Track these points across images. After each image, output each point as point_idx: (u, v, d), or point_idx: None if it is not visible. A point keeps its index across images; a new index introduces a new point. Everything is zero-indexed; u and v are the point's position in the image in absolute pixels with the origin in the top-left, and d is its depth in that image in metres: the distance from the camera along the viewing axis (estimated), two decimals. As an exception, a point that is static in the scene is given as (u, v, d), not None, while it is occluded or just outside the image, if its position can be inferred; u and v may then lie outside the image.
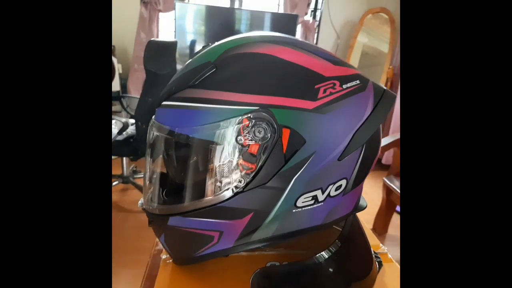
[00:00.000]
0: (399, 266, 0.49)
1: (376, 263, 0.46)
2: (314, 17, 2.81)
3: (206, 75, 0.34)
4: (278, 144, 0.32)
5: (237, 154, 0.33)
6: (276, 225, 0.35)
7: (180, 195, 0.36)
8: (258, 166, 0.33)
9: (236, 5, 2.65)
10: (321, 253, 0.39)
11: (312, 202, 0.35)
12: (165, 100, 0.37)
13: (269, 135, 0.32)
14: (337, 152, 0.34)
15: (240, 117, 0.32)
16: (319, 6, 2.78)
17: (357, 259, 0.44)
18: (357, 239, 0.45)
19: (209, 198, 0.34)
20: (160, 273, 0.44)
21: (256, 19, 2.43)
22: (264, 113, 0.32)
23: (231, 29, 2.37)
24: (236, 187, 0.34)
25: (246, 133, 0.32)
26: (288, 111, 0.32)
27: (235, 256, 0.47)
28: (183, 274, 0.43)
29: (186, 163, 0.35)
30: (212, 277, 0.43)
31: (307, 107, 0.33)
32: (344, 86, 0.34)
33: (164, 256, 0.47)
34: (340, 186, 0.36)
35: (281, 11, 2.72)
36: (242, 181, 0.33)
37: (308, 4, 2.67)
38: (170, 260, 0.45)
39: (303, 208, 0.35)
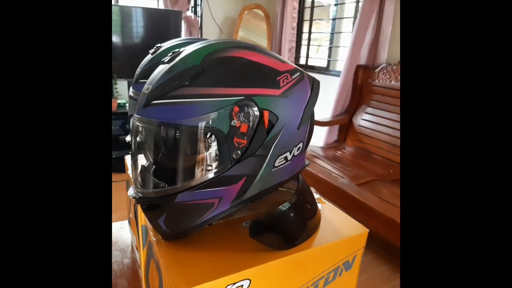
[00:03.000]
0: (331, 204, 0.68)
1: (318, 204, 0.64)
2: (195, 12, 2.90)
3: (197, 76, 0.43)
4: (261, 122, 0.44)
5: (231, 133, 0.43)
6: (260, 184, 0.48)
7: (187, 174, 0.44)
8: (248, 141, 0.44)
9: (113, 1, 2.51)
10: (283, 204, 0.53)
11: (284, 161, 0.49)
12: (156, 100, 0.44)
13: (253, 116, 0.44)
14: (296, 124, 0.48)
15: (232, 106, 0.43)
16: (198, 2, 2.88)
17: (308, 205, 0.60)
18: (306, 191, 0.61)
19: (214, 170, 0.44)
20: (160, 250, 0.50)
21: (138, 14, 2.36)
22: (248, 101, 0.44)
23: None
24: (234, 159, 0.44)
25: (238, 117, 0.43)
26: (264, 97, 0.45)
27: (215, 224, 0.57)
28: (180, 245, 0.51)
29: (191, 146, 0.44)
30: (205, 242, 0.52)
31: (276, 94, 0.46)
32: (293, 77, 0.49)
33: (154, 238, 0.54)
34: (299, 147, 0.50)
35: (161, 7, 2.71)
36: (239, 153, 0.44)
37: (189, 1, 2.74)
38: (159, 238, 0.52)
39: (278, 167, 0.48)
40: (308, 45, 2.72)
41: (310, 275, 0.56)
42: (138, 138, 0.49)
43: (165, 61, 0.47)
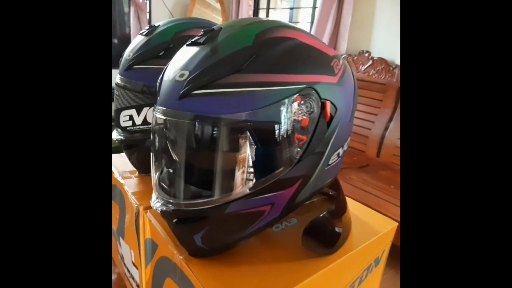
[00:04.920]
0: (349, 198, 0.65)
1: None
2: (143, -5, 2.66)
3: (250, 60, 0.35)
4: (322, 115, 0.38)
5: (293, 129, 0.37)
6: (312, 185, 0.42)
7: (244, 178, 0.36)
8: (309, 137, 0.38)
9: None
10: (328, 208, 0.48)
11: (336, 158, 0.43)
12: (199, 89, 0.35)
13: (316, 108, 0.38)
14: (349, 115, 0.43)
15: (294, 96, 0.36)
16: (146, -17, 2.65)
17: (341, 202, 0.56)
18: (340, 189, 0.56)
19: (272, 174, 0.37)
20: (194, 269, 0.42)
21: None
22: (310, 90, 0.37)
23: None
24: (294, 158, 0.38)
25: (300, 109, 0.37)
26: (325, 85, 0.39)
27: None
28: (211, 260, 0.44)
29: (244, 146, 0.36)
30: (237, 253, 0.45)
31: (333, 81, 0.40)
32: (340, 63, 0.43)
33: (181, 256, 0.45)
34: (348, 142, 0.45)
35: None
36: (299, 152, 0.38)
37: (136, -19, 2.50)
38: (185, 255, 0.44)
39: (331, 165, 0.43)
40: (266, 34, 2.68)
41: (348, 278, 0.52)
42: (169, 138, 0.39)
43: (200, 41, 0.38)
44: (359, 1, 2.04)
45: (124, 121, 0.60)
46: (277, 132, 0.36)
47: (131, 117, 0.60)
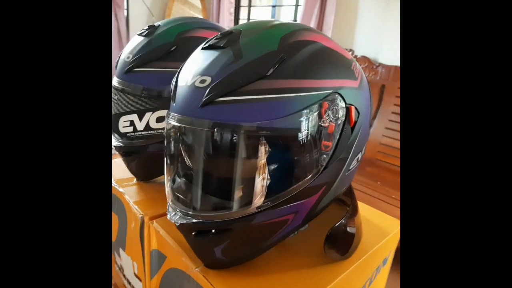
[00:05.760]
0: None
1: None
2: (120, -9, 2.57)
3: (277, 65, 0.34)
4: (347, 120, 0.38)
5: (320, 135, 0.36)
6: (333, 192, 0.41)
7: (270, 188, 0.35)
8: (335, 143, 0.37)
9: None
10: (346, 215, 0.47)
11: (356, 163, 0.43)
12: (224, 96, 0.33)
13: (341, 114, 0.37)
14: (368, 119, 0.43)
15: (321, 101, 0.35)
16: (123, -21, 2.56)
17: (354, 206, 0.55)
18: (353, 193, 0.56)
19: (299, 183, 0.36)
20: (215, 281, 0.41)
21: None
22: (336, 95, 0.36)
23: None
24: (321, 165, 0.37)
25: (326, 116, 0.36)
26: (349, 90, 0.38)
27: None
28: (229, 271, 0.42)
29: (276, 154, 0.34)
30: (255, 262, 0.44)
31: (355, 86, 0.39)
32: (357, 66, 0.43)
33: (197, 268, 0.43)
34: (365, 146, 0.45)
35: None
36: (326, 159, 0.37)
37: (113, -24, 2.41)
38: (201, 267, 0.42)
39: (350, 170, 0.42)
40: (248, 32, 2.66)
41: (363, 280, 0.52)
42: (189, 147, 0.37)
43: (220, 45, 0.36)
44: (341, 1, 2.07)
45: (124, 126, 0.57)
46: (305, 139, 0.35)
47: (132, 123, 0.56)
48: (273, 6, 2.46)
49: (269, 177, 0.34)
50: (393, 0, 1.90)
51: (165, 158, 0.41)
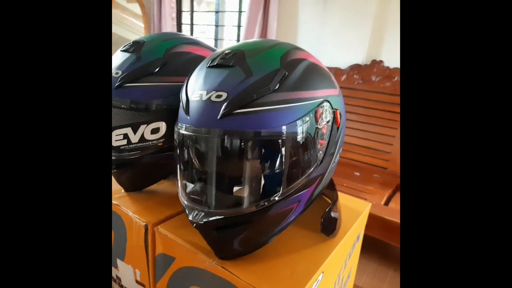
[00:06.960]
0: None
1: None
2: None
3: (282, 80, 0.41)
4: (334, 122, 0.46)
5: (317, 136, 0.44)
6: (324, 181, 0.50)
7: (283, 182, 0.42)
8: (327, 141, 0.46)
9: None
10: (333, 201, 0.56)
11: (339, 156, 0.52)
12: (241, 108, 0.40)
13: (330, 117, 0.46)
14: (345, 119, 0.52)
15: (316, 108, 0.43)
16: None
17: (336, 193, 0.65)
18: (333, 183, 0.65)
19: (304, 175, 0.44)
20: (235, 270, 0.46)
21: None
22: (326, 102, 0.45)
23: None
24: (319, 160, 0.45)
25: (321, 119, 0.44)
26: (333, 97, 0.47)
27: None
28: (241, 259, 0.48)
29: (287, 153, 0.41)
30: (262, 250, 0.50)
31: (337, 93, 0.48)
32: (333, 77, 0.52)
33: (213, 262, 0.48)
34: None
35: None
36: (322, 154, 0.45)
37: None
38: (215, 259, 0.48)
39: (335, 162, 0.51)
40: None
41: (346, 253, 0.62)
42: (209, 155, 0.42)
43: (228, 64, 0.42)
44: (282, 6, 2.20)
45: (116, 140, 0.59)
46: (309, 139, 0.43)
47: (125, 136, 0.59)
48: (216, 12, 2.52)
49: (284, 172, 0.42)
50: (330, 5, 2.08)
51: (178, 165, 0.46)
